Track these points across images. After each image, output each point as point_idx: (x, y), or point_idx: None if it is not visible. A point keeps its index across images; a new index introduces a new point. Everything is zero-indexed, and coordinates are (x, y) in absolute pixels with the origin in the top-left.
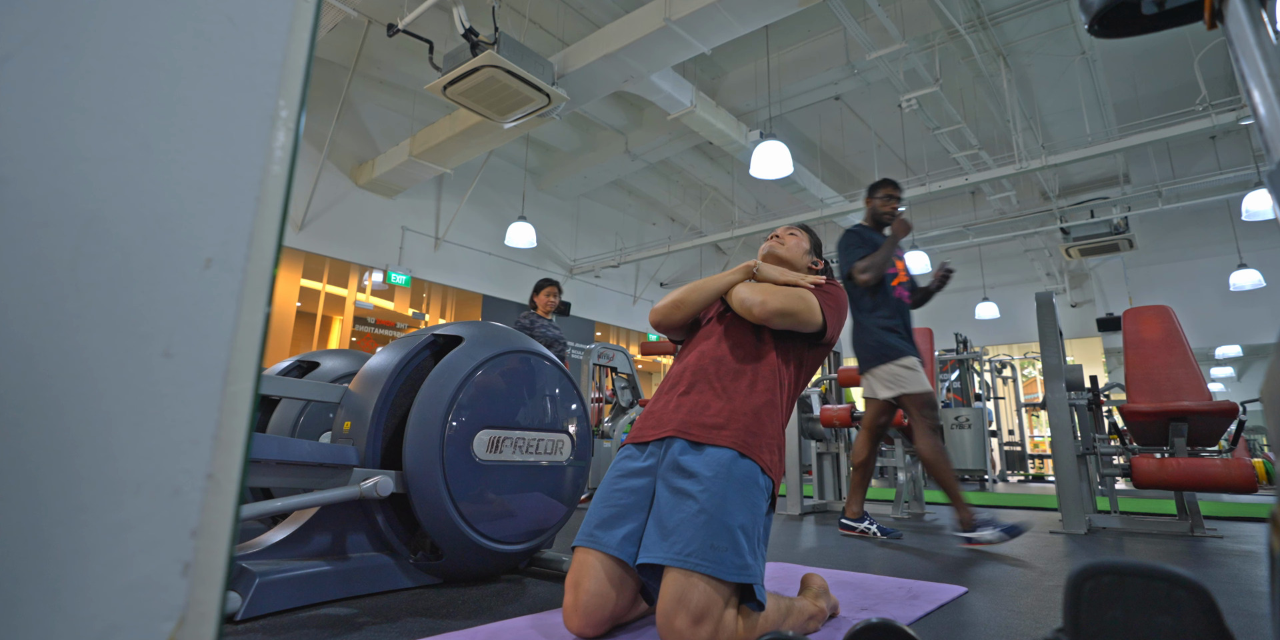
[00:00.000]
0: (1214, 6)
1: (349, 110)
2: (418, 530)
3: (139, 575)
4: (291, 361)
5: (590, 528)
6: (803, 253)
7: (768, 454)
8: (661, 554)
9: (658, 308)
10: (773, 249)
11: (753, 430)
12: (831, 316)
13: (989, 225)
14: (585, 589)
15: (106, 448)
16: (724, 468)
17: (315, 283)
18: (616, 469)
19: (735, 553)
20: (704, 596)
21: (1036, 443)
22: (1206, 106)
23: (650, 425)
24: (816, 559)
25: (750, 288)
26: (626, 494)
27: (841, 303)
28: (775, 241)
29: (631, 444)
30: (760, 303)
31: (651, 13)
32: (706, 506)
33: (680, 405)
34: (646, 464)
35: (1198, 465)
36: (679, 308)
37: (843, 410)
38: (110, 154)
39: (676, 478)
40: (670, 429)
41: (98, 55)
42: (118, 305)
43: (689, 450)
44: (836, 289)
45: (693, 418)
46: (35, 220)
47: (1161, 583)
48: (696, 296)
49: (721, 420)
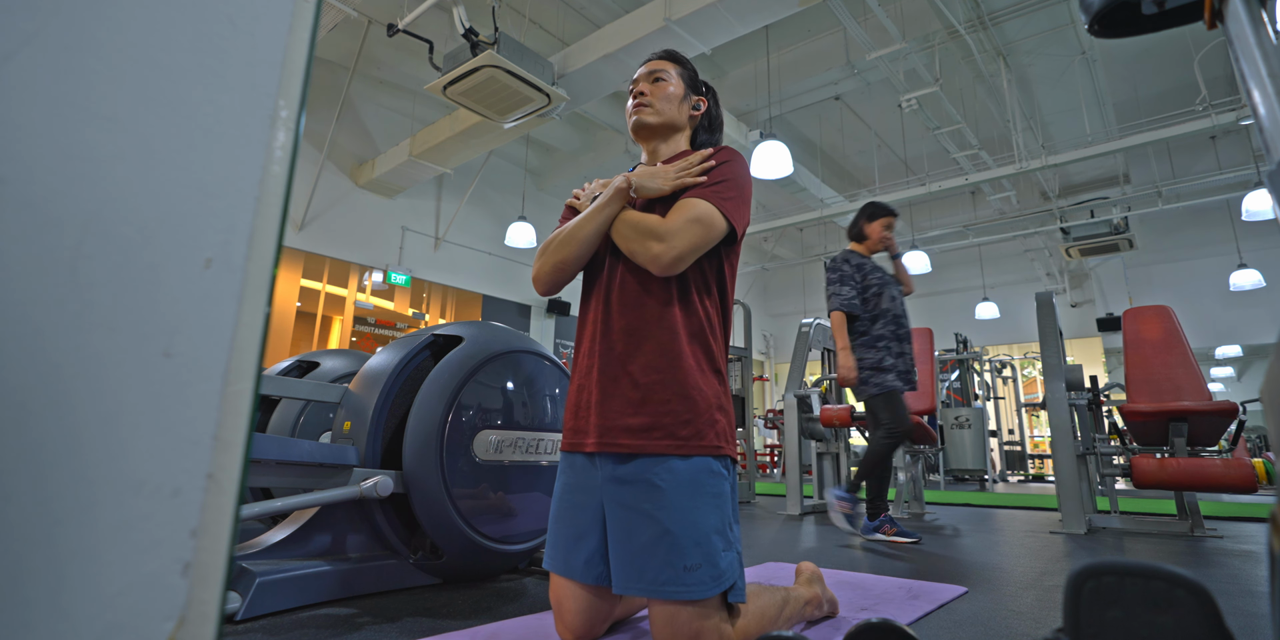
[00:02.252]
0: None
1: (349, 110)
2: (418, 530)
3: (139, 575)
4: (291, 361)
5: (554, 548)
6: (679, 101)
7: (711, 431)
8: (636, 586)
9: (539, 276)
10: (641, 118)
11: (685, 415)
12: (735, 209)
13: (989, 225)
14: (568, 609)
15: (106, 448)
16: (671, 475)
17: (315, 283)
18: (560, 482)
19: (710, 564)
20: (692, 618)
21: (1036, 443)
22: (1206, 106)
23: (576, 427)
24: (816, 559)
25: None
26: (579, 510)
27: (740, 177)
28: (640, 103)
29: (564, 452)
30: (655, 258)
31: (651, 13)
32: (669, 527)
33: (599, 402)
34: (586, 479)
35: (1198, 465)
36: (562, 269)
37: (843, 410)
38: (110, 154)
39: (622, 493)
40: (593, 439)
41: (98, 55)
42: (118, 305)
43: (625, 462)
44: (732, 159)
45: (613, 421)
46: (35, 220)
47: (1161, 583)
48: (576, 249)
49: (647, 418)
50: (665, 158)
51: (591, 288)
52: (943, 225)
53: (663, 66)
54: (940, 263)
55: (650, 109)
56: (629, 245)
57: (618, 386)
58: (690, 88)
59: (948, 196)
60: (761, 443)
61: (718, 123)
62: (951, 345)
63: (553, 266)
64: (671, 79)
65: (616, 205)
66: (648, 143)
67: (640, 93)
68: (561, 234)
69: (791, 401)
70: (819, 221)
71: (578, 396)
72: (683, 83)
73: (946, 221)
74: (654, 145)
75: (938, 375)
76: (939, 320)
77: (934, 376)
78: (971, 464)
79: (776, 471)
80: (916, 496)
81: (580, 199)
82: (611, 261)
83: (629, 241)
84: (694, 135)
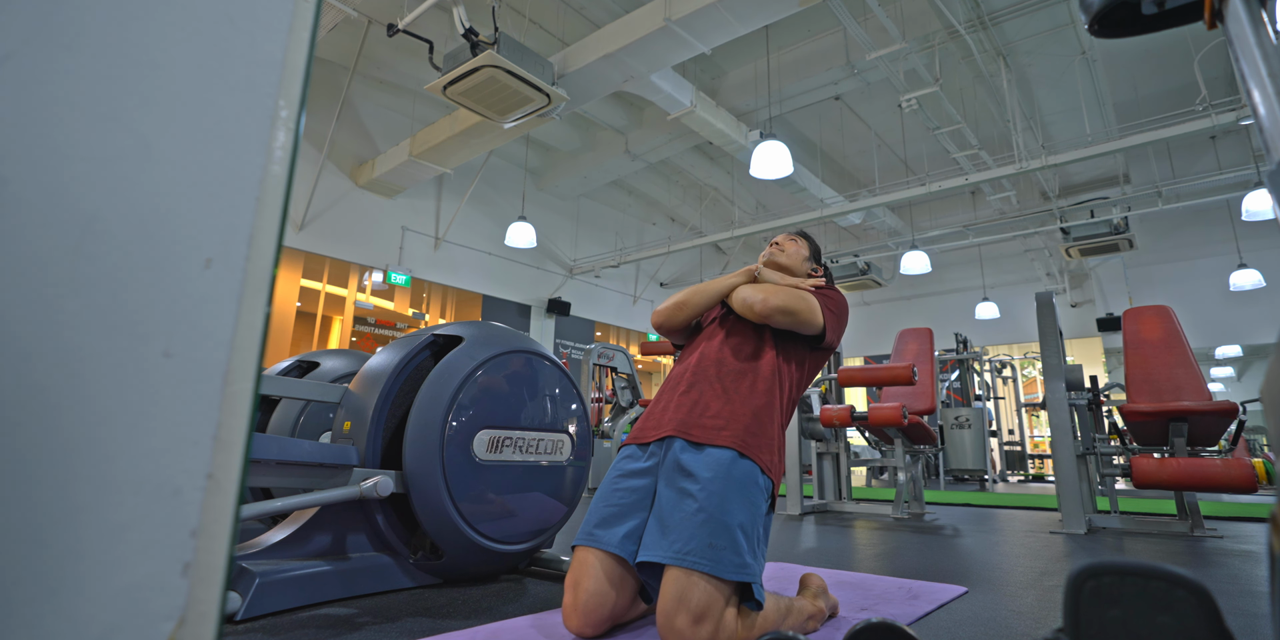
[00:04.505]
0: (1214, 6)
1: (349, 110)
2: (418, 530)
3: (139, 575)
4: (291, 361)
5: (590, 527)
6: (802, 259)
7: (767, 454)
8: (661, 552)
9: (660, 310)
10: (773, 256)
11: (752, 430)
12: (831, 319)
13: (989, 225)
14: (585, 588)
15: (106, 448)
16: (723, 468)
17: (315, 283)
18: (617, 469)
19: (734, 551)
20: (704, 595)
21: (1036, 443)
22: (1206, 106)
23: (650, 425)
24: (816, 559)
25: (752, 287)
26: (627, 493)
27: (842, 307)
28: (775, 248)
29: (632, 444)
30: (762, 300)
31: (651, 13)
32: (706, 505)
33: (680, 405)
34: (648, 464)
35: (1198, 465)
36: (681, 309)
37: (843, 410)
38: (110, 154)
39: (677, 477)
40: (670, 428)
41: (97, 55)
42: (117, 305)
43: (689, 449)
44: (837, 294)
45: (693, 418)
46: (35, 220)
47: (1161, 583)
48: (699, 298)
49: (721, 421)
50: None
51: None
52: (943, 225)
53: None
54: (940, 263)
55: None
56: (742, 293)
57: (704, 397)
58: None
59: (948, 196)
60: None
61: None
62: (951, 345)
63: (675, 304)
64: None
65: (741, 279)
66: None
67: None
68: (698, 285)
69: None
70: (819, 221)
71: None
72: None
73: (946, 221)
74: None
75: (938, 375)
76: (939, 320)
77: (934, 376)
78: (971, 464)
79: None
80: (916, 496)
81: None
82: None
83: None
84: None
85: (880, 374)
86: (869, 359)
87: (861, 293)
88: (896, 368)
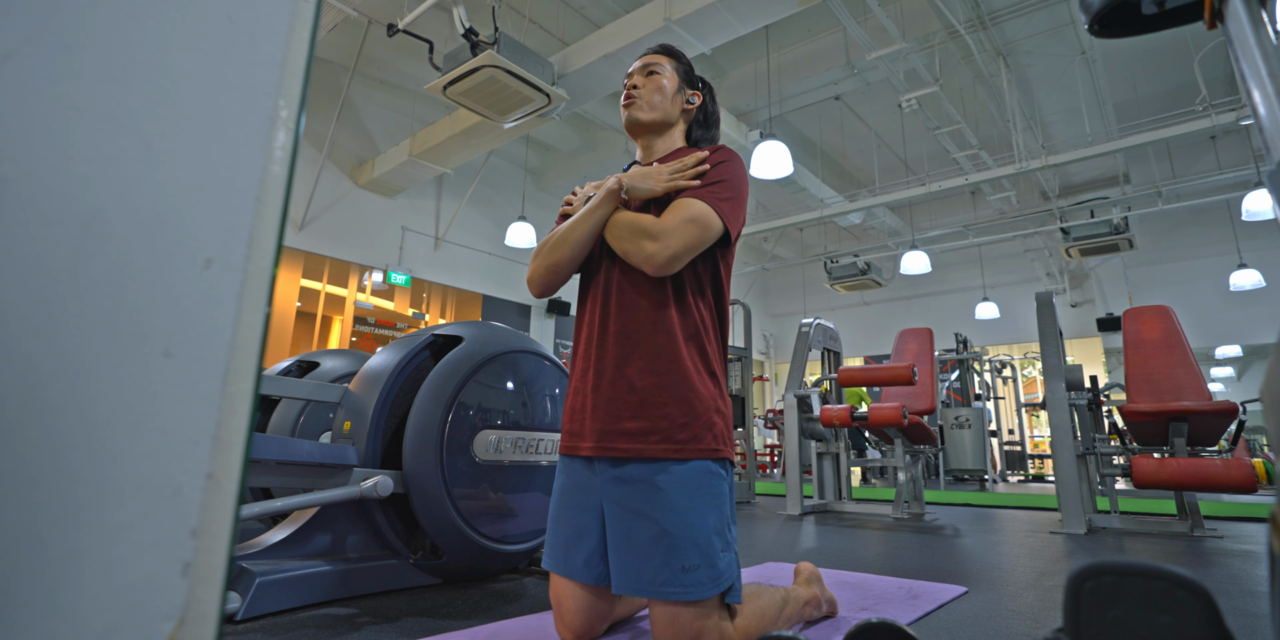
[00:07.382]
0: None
1: (349, 110)
2: (418, 530)
3: (139, 575)
4: (291, 361)
5: (553, 548)
6: (672, 96)
7: (708, 435)
8: (634, 586)
9: (532, 278)
10: (632, 113)
11: (681, 419)
12: (730, 209)
13: (989, 225)
14: (567, 608)
15: (106, 448)
16: (670, 477)
17: (315, 283)
18: (558, 482)
19: (709, 565)
20: (693, 619)
21: (1036, 443)
22: (1206, 106)
23: (574, 430)
24: (816, 559)
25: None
26: (578, 511)
27: (739, 178)
28: (633, 99)
29: (561, 455)
30: (649, 258)
31: (651, 13)
32: (668, 528)
33: (596, 406)
34: (585, 480)
35: (1198, 465)
36: (555, 272)
37: (843, 410)
38: (110, 154)
39: (621, 494)
40: (591, 444)
41: (98, 55)
42: (117, 305)
43: (623, 464)
44: (729, 159)
45: (611, 425)
46: (35, 220)
47: (1161, 583)
48: (569, 251)
49: (645, 422)
50: (660, 154)
51: (587, 291)
52: (943, 225)
53: (656, 60)
54: (940, 263)
55: (642, 102)
56: (623, 246)
57: (614, 390)
58: (685, 82)
59: (948, 196)
60: (761, 443)
61: (714, 118)
62: (951, 345)
63: (545, 269)
64: (665, 73)
65: (609, 207)
66: (641, 138)
67: (633, 87)
68: (554, 236)
69: (791, 401)
70: (819, 221)
71: (574, 400)
72: (677, 76)
73: (946, 221)
74: (647, 140)
75: (938, 375)
76: (939, 320)
77: (934, 376)
78: (971, 464)
79: (776, 471)
80: (916, 496)
81: (574, 203)
82: (607, 264)
83: (623, 242)
84: (689, 130)
85: (880, 374)
86: (869, 359)
87: (861, 293)
88: (896, 368)
